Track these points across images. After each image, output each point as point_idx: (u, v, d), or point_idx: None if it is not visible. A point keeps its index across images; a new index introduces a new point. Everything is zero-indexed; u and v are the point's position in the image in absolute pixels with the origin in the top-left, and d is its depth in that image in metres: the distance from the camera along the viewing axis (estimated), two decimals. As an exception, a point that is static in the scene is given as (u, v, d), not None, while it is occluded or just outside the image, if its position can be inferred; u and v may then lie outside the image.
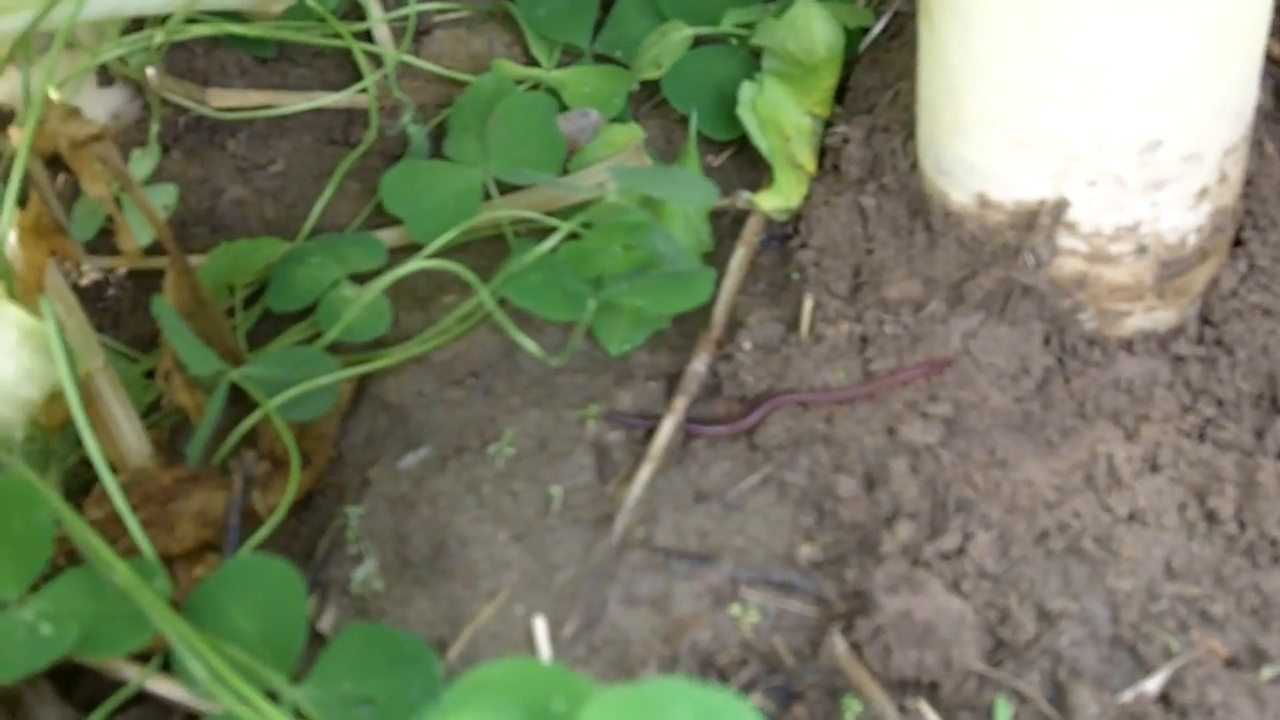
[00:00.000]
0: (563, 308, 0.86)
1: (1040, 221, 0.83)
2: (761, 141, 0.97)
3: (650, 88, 1.05)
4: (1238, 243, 0.89)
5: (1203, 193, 0.82)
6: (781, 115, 0.97)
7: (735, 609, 0.81)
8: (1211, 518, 0.81)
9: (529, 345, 0.86)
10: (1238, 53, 0.79)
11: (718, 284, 0.92)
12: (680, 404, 0.87)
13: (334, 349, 0.90)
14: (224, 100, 1.04)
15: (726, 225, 0.98)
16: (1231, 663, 0.77)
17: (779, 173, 0.96)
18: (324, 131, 1.06)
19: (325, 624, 0.81)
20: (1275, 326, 0.86)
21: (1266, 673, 0.76)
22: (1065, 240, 0.83)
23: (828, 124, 0.98)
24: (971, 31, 0.79)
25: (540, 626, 0.80)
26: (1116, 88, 0.77)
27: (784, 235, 0.96)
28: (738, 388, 0.89)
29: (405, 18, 1.07)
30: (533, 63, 1.07)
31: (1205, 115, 0.79)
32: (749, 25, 1.00)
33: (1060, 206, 0.82)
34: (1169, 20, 0.75)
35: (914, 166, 0.90)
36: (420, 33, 1.10)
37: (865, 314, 0.89)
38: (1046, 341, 0.87)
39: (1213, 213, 0.84)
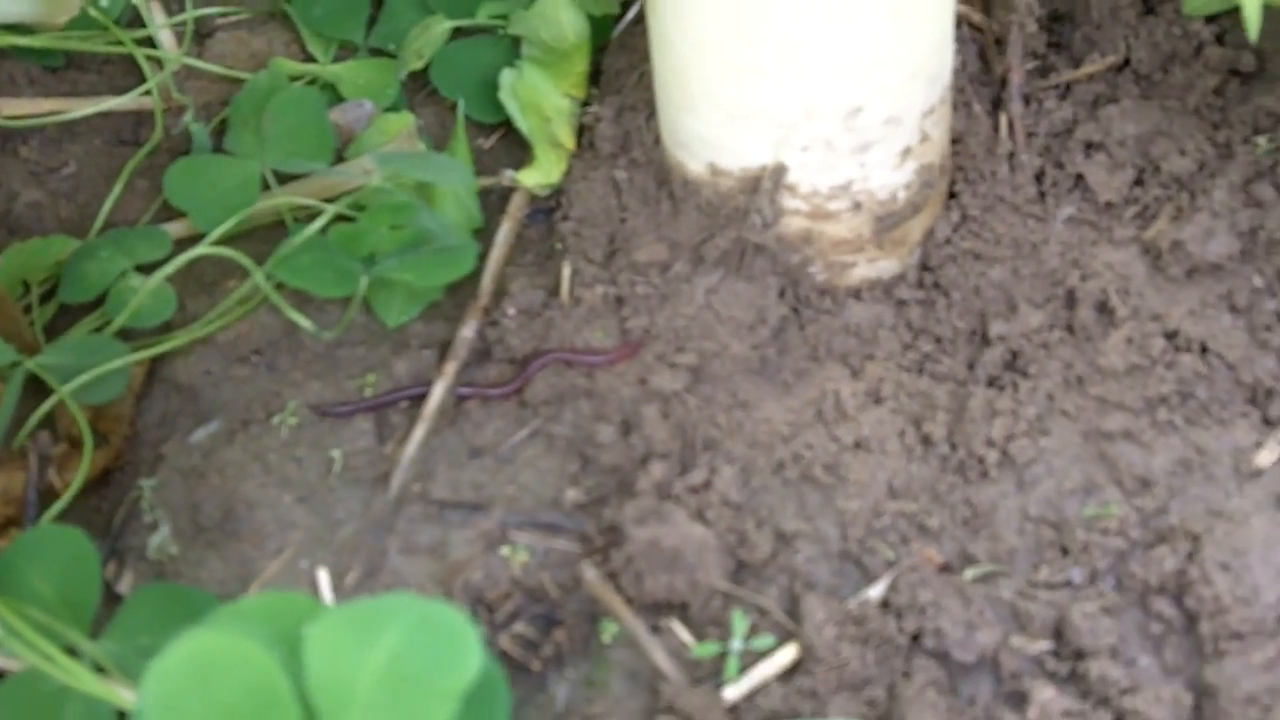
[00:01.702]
0: (334, 285, 0.93)
1: (763, 186, 0.91)
2: (523, 123, 1.04)
3: (425, 77, 1.12)
4: (952, 195, 0.98)
5: (906, 152, 0.91)
6: (540, 98, 1.05)
7: (505, 550, 0.89)
8: (927, 441, 0.90)
9: (302, 322, 0.93)
10: (927, 23, 0.88)
11: (484, 256, 1.00)
12: (450, 368, 0.95)
13: (125, 335, 0.96)
14: (14, 109, 1.09)
15: (495, 202, 1.05)
16: (945, 568, 0.87)
17: (539, 151, 1.04)
18: (114, 134, 1.12)
19: (124, 586, 0.88)
20: (985, 269, 0.96)
21: (970, 574, 0.86)
22: (788, 201, 0.92)
23: (585, 104, 1.06)
24: (687, 16, 0.87)
25: (323, 578, 0.87)
26: (816, 60, 0.86)
27: (548, 209, 1.04)
28: (506, 351, 0.96)
29: (188, 22, 1.13)
30: (310, 59, 1.13)
31: (900, 82, 0.88)
32: (504, 16, 1.07)
33: (779, 171, 0.91)
34: (856, -3, 0.84)
35: (657, 141, 0.98)
36: (204, 35, 1.16)
37: (619, 277, 0.96)
38: (781, 293, 0.95)
39: (919, 169, 0.93)
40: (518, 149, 1.08)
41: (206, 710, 0.61)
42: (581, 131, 1.04)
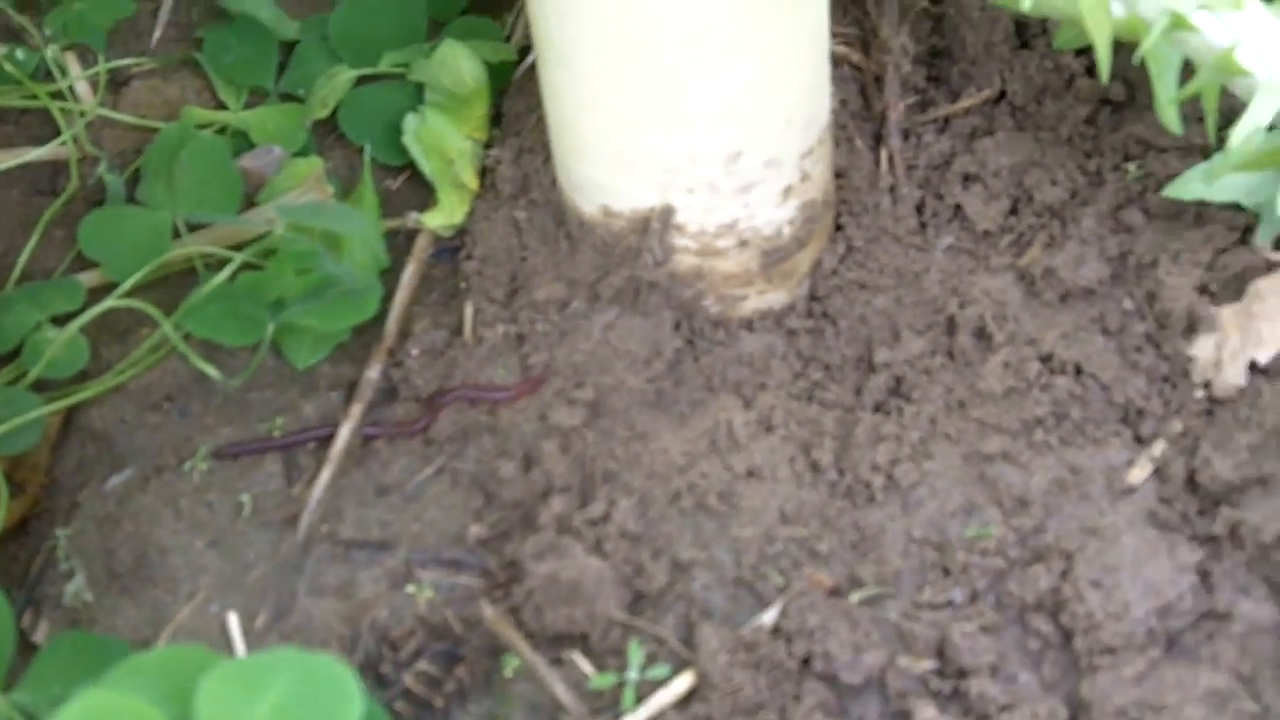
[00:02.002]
0: (240, 333, 0.97)
1: (653, 226, 0.95)
2: (426, 166, 1.08)
3: (334, 121, 1.15)
4: (838, 227, 1.02)
5: (788, 191, 0.95)
6: (443, 141, 1.08)
7: (411, 588, 0.92)
8: (816, 468, 0.94)
9: (209, 370, 0.96)
10: (799, 73, 0.91)
11: (390, 297, 1.03)
12: (356, 410, 0.98)
13: (40, 386, 0.99)
14: (-69, 162, 1.12)
15: (402, 242, 1.09)
16: (834, 591, 0.90)
17: (443, 193, 1.07)
18: (31, 184, 1.15)
19: (39, 636, 0.91)
20: (870, 298, 1.00)
21: (857, 596, 0.89)
22: (677, 240, 0.95)
23: (487, 146, 1.09)
24: (574, 70, 0.91)
25: (233, 621, 0.91)
26: (696, 111, 0.90)
27: (453, 248, 1.08)
28: (411, 390, 1.00)
29: (101, 73, 1.16)
30: (222, 106, 1.16)
31: (777, 127, 0.92)
32: (406, 64, 1.11)
33: (667, 212, 0.94)
34: (730, 51, 0.87)
35: (554, 183, 1.01)
36: (120, 84, 1.19)
37: (519, 315, 1.00)
38: (676, 327, 0.99)
39: (801, 206, 0.97)
40: (424, 190, 1.11)
41: (101, 766, 0.64)
42: (484, 173, 1.08)
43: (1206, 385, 0.92)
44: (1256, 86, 0.83)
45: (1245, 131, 0.82)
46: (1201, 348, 0.92)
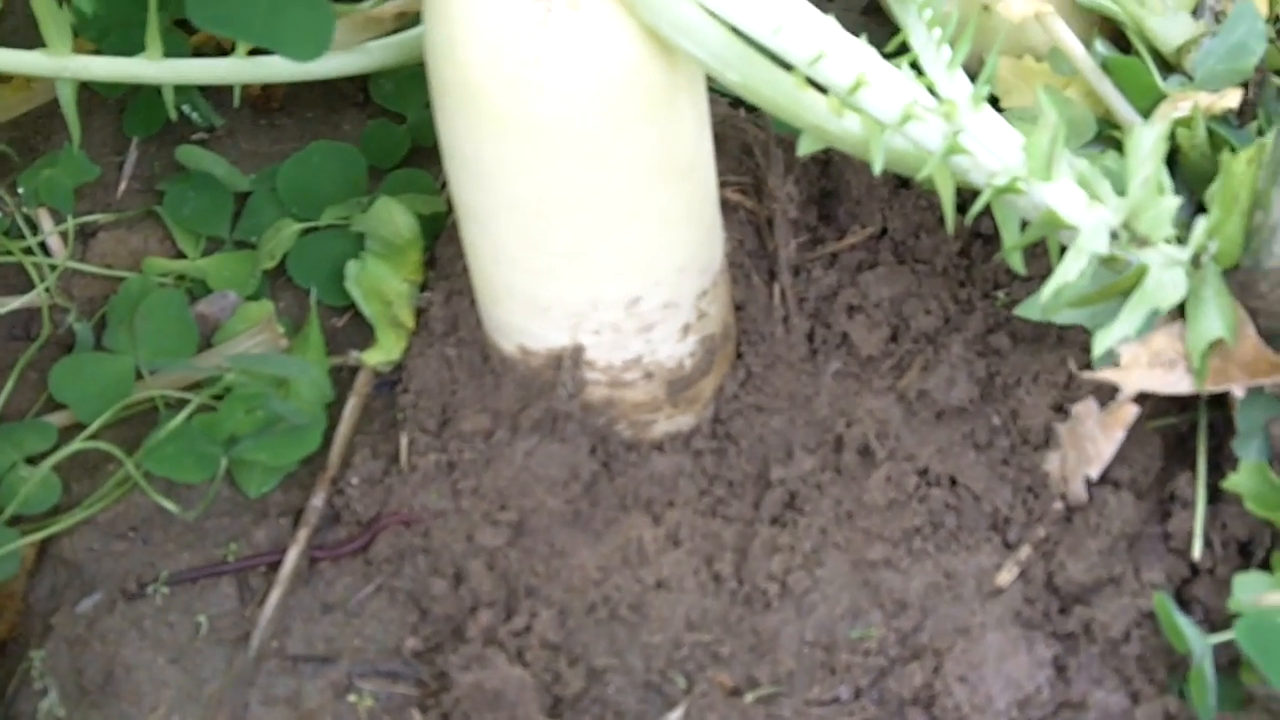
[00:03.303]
0: (196, 470, 1.07)
1: (565, 363, 1.05)
2: (366, 308, 1.18)
3: (284, 265, 1.26)
4: (739, 355, 1.13)
5: (686, 328, 1.05)
6: (383, 284, 1.19)
7: (353, 698, 1.02)
8: (718, 578, 1.04)
9: (167, 505, 1.07)
10: (690, 227, 1.02)
11: (333, 430, 1.14)
12: (303, 535, 1.08)
13: (16, 520, 1.09)
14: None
15: (347, 376, 1.19)
16: (735, 691, 1.00)
17: (381, 333, 1.17)
18: (7, 330, 1.25)
19: (16, 752, 1.01)
20: (767, 420, 1.10)
21: (752, 696, 0.99)
22: (588, 374, 1.06)
23: (422, 288, 1.20)
24: (484, 228, 1.01)
25: (192, 731, 1.01)
26: (596, 264, 1.00)
27: (394, 382, 1.18)
28: (352, 515, 1.10)
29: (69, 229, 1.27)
30: (181, 254, 1.27)
31: (672, 275, 1.02)
32: (347, 217, 1.22)
33: (578, 350, 1.05)
34: (625, 215, 0.98)
35: (479, 323, 1.12)
36: (89, 235, 1.30)
37: (449, 444, 1.10)
38: (593, 451, 1.09)
39: (700, 340, 1.07)
40: (365, 328, 1.21)
41: None
42: (419, 313, 1.18)
43: (1062, 495, 1.02)
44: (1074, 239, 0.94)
45: (1054, 287, 0.93)
46: (1051, 463, 1.02)
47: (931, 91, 0.97)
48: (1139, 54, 1.18)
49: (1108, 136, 1.16)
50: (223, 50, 1.40)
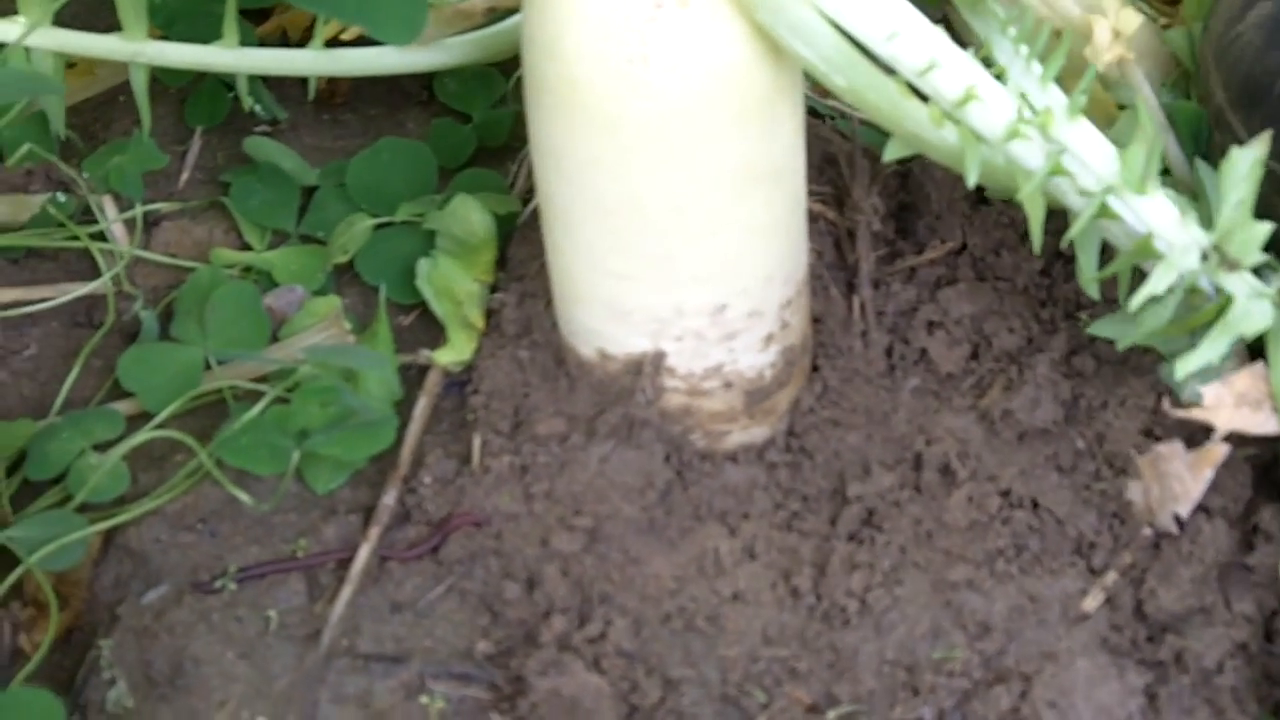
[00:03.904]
0: (269, 463, 1.06)
1: (645, 370, 1.04)
2: (437, 308, 1.17)
3: (352, 261, 1.25)
4: (815, 368, 1.12)
5: (769, 338, 1.05)
6: (454, 284, 1.18)
7: (424, 699, 1.01)
8: (795, 593, 1.03)
9: (242, 496, 1.05)
10: (778, 237, 1.01)
11: (403, 429, 1.12)
12: (374, 533, 1.07)
13: (83, 508, 1.07)
14: (-21, 299, 1.22)
15: (415, 375, 1.18)
16: (813, 709, 0.99)
17: (452, 332, 1.16)
18: (70, 317, 1.24)
19: (84, 741, 0.99)
20: (843, 435, 1.09)
21: (833, 714, 0.98)
22: (667, 381, 1.05)
23: (493, 289, 1.19)
24: (571, 229, 1.00)
25: (262, 727, 0.99)
26: (683, 271, 0.99)
27: (462, 382, 1.17)
28: (423, 515, 1.09)
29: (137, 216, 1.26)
30: (247, 247, 1.26)
31: (758, 284, 1.01)
32: (421, 214, 1.21)
33: (659, 357, 1.04)
34: (713, 223, 0.97)
35: (554, 326, 1.11)
36: (151, 224, 1.29)
37: (523, 447, 1.09)
38: (667, 459, 1.07)
39: (781, 351, 1.06)
40: (434, 327, 1.20)
41: None
42: (490, 314, 1.17)
43: (1150, 524, 1.01)
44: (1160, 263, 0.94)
45: (1141, 299, 0.94)
46: (1134, 492, 1.01)
47: (1026, 103, 0.96)
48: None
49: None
50: (286, 42, 1.39)
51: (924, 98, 0.95)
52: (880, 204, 1.16)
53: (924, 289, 1.15)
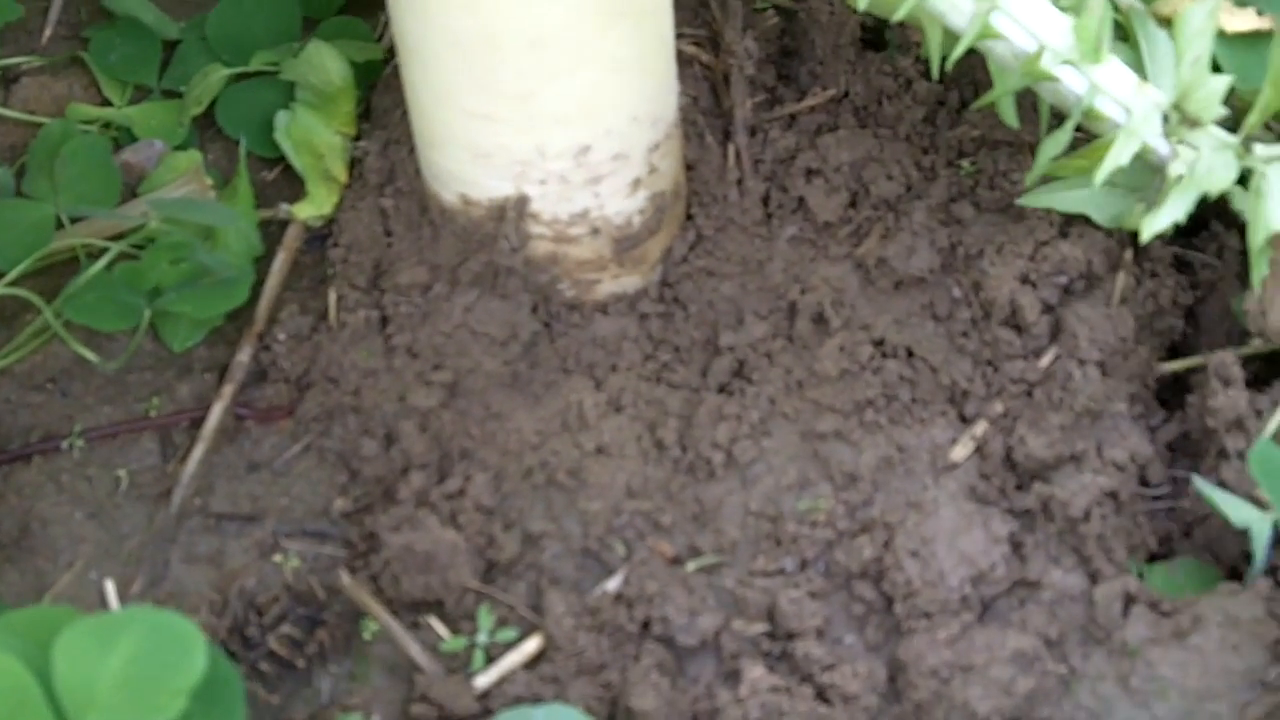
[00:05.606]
0: (117, 319, 1.02)
1: (508, 215, 1.00)
2: (297, 161, 1.13)
3: (214, 116, 1.20)
4: (689, 217, 1.08)
5: (636, 183, 1.01)
6: (313, 136, 1.13)
7: (278, 558, 0.98)
8: (660, 445, 1.00)
9: (87, 354, 1.01)
10: (644, 75, 0.97)
11: (261, 284, 1.09)
12: (228, 391, 1.03)
13: (-74, 368, 1.04)
14: None
15: (276, 231, 1.14)
16: (675, 561, 0.96)
17: (312, 186, 1.12)
18: (-79, 175, 1.19)
19: (-77, 603, 0.96)
20: (717, 285, 1.06)
21: (694, 565, 0.95)
22: (532, 227, 1.01)
23: (356, 139, 1.15)
24: (428, 67, 0.96)
25: (110, 587, 0.96)
26: (544, 109, 0.95)
27: (323, 237, 1.13)
28: (279, 372, 1.05)
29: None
30: (107, 103, 1.21)
31: (623, 124, 0.98)
32: (276, 63, 1.16)
33: (522, 201, 1.00)
34: (575, 57, 0.93)
35: (417, 173, 1.07)
36: (10, 80, 1.24)
37: (383, 299, 1.05)
38: (534, 309, 1.04)
39: (650, 197, 1.02)
40: (297, 181, 1.16)
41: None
42: (353, 164, 1.13)
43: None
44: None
45: (1105, 172, 0.95)
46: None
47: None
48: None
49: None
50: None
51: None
52: (755, 48, 1.12)
53: (803, 136, 1.11)
